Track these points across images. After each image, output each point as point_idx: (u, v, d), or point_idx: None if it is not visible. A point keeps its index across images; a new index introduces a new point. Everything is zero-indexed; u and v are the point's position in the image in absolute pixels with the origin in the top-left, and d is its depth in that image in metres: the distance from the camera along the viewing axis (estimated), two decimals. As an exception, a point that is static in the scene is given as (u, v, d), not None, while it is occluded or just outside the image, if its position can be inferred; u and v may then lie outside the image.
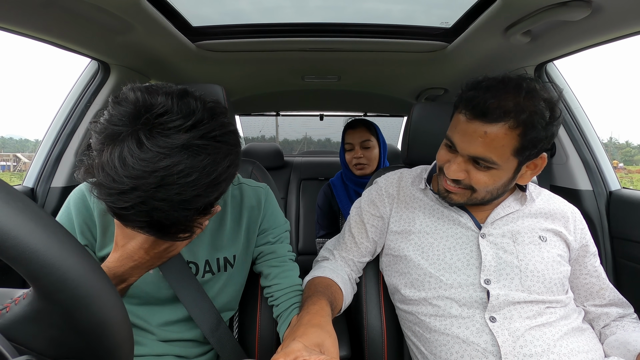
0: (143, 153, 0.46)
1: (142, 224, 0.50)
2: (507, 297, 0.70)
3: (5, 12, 0.80)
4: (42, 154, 1.22)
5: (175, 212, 0.49)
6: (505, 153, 0.66)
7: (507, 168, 0.69)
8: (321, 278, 0.80)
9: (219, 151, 0.51)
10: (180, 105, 0.49)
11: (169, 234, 0.54)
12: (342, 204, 1.59)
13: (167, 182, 0.47)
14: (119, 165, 0.46)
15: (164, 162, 0.47)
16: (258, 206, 0.81)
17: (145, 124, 0.47)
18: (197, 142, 0.49)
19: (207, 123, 0.50)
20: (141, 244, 0.58)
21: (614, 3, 0.78)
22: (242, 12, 1.11)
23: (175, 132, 0.48)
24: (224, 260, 0.77)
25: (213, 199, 0.53)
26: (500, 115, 0.63)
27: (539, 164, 0.73)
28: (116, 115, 0.48)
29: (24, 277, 0.29)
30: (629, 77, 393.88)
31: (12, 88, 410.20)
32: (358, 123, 1.57)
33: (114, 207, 0.48)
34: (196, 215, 0.53)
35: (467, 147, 0.68)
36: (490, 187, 0.71)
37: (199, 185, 0.49)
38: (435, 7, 1.07)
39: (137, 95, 0.49)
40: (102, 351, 0.34)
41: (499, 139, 0.65)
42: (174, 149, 0.47)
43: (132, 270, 0.60)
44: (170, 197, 0.48)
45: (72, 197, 0.71)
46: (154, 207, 0.48)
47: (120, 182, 0.46)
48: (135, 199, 0.47)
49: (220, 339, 0.76)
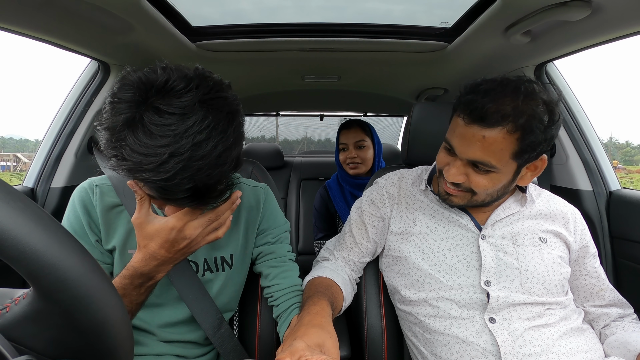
0: (166, 119, 0.48)
1: (187, 193, 0.51)
2: (507, 299, 0.70)
3: (5, 12, 0.80)
4: (42, 154, 1.22)
5: (215, 169, 0.51)
6: (504, 157, 0.66)
7: (506, 171, 0.69)
8: (322, 278, 0.80)
9: (229, 102, 0.53)
10: (176, 73, 0.51)
11: (211, 199, 0.56)
12: (339, 205, 1.59)
13: (200, 138, 0.49)
14: (148, 139, 0.47)
15: (190, 121, 0.48)
16: (257, 206, 0.81)
17: (157, 94, 0.49)
18: (208, 97, 0.51)
19: (205, 82, 0.52)
20: (162, 243, 0.59)
21: (614, 3, 0.78)
22: (243, 12, 1.11)
23: (185, 93, 0.49)
24: (221, 259, 0.77)
25: (239, 150, 0.56)
26: (498, 120, 0.63)
27: (539, 165, 0.73)
28: (121, 105, 0.49)
29: (24, 277, 0.29)
30: (629, 77, 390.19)
31: (12, 88, 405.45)
32: (352, 123, 1.57)
33: (158, 182, 0.49)
34: (230, 171, 0.55)
35: (465, 151, 0.68)
36: (490, 189, 0.71)
37: (227, 134, 0.51)
38: (437, 7, 1.06)
39: (133, 79, 0.50)
40: (102, 351, 0.34)
41: (498, 143, 0.64)
42: (192, 106, 0.49)
43: (158, 267, 0.61)
44: (207, 152, 0.49)
45: (76, 195, 0.71)
46: (195, 168, 0.49)
47: (155, 154, 0.47)
48: (175, 166, 0.48)
49: (221, 339, 0.76)
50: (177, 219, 0.58)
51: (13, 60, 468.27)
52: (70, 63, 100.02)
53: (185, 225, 0.59)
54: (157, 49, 1.14)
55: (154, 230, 0.59)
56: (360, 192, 1.55)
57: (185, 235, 0.59)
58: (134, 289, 0.61)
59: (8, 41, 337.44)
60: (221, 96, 0.53)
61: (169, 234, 0.58)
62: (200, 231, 0.60)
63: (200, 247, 0.63)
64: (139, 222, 0.59)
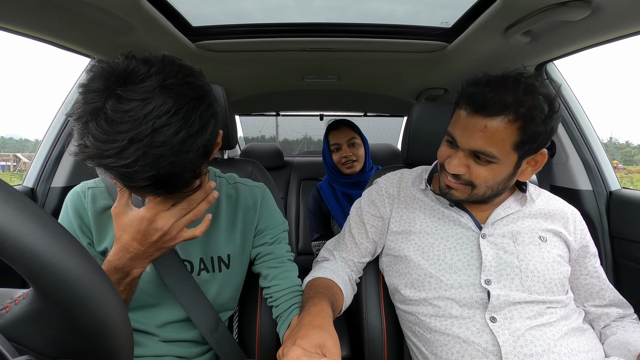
0: (126, 105, 0.47)
1: (149, 180, 0.50)
2: (507, 298, 0.70)
3: (5, 12, 0.80)
4: (42, 154, 1.22)
5: (179, 156, 0.49)
6: (505, 147, 0.67)
7: (507, 162, 0.69)
8: (322, 279, 0.80)
9: (194, 87, 0.52)
10: (138, 60, 0.50)
11: (178, 187, 0.54)
12: (331, 205, 1.60)
13: (160, 124, 0.47)
14: (107, 126, 0.47)
15: (149, 106, 0.47)
16: (254, 206, 0.80)
17: (117, 81, 0.48)
18: (170, 82, 0.49)
19: (169, 67, 0.51)
20: (133, 235, 0.57)
21: (614, 3, 0.78)
22: (246, 11, 1.10)
23: (147, 78, 0.48)
24: (218, 259, 0.76)
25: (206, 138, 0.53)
26: (499, 109, 0.65)
27: (540, 160, 0.73)
28: (88, 96, 0.49)
29: (24, 277, 0.29)
30: (629, 77, 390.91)
31: (12, 88, 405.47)
32: (340, 123, 1.58)
33: (119, 168, 0.48)
34: (197, 160, 0.53)
35: (467, 141, 0.69)
36: (490, 182, 0.71)
37: (192, 120, 0.50)
38: (439, 8, 1.06)
39: (100, 70, 0.50)
40: (102, 351, 0.34)
41: (499, 132, 0.66)
42: (153, 91, 0.48)
43: (131, 262, 0.59)
44: (168, 139, 0.48)
45: (69, 198, 0.71)
46: (157, 155, 0.48)
47: (114, 140, 0.47)
48: (136, 152, 0.47)
49: (219, 340, 0.75)
50: (148, 209, 0.57)
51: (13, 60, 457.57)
52: (70, 63, 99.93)
53: (156, 216, 0.57)
54: (157, 49, 1.14)
55: (127, 221, 0.58)
56: (352, 190, 1.57)
57: (156, 227, 0.57)
58: None
59: (8, 41, 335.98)
60: (187, 82, 0.51)
61: (140, 225, 0.57)
62: (174, 223, 0.58)
63: (178, 243, 0.61)
64: (116, 212, 0.58)
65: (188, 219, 0.59)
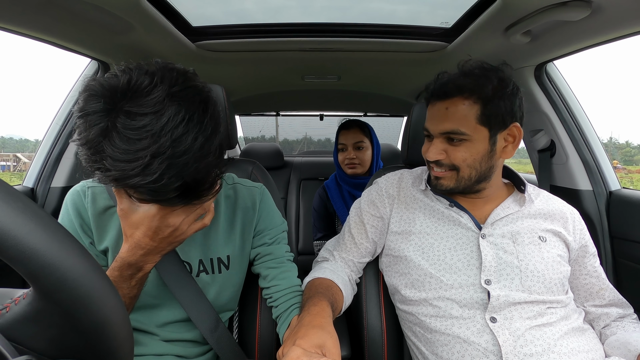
0: (139, 121, 0.46)
1: (178, 191, 0.50)
2: (507, 298, 0.70)
3: (5, 12, 0.80)
4: (42, 154, 1.22)
5: (200, 161, 0.50)
6: (470, 122, 0.73)
7: (479, 138, 0.73)
8: (321, 279, 0.80)
9: (199, 91, 0.52)
10: (137, 72, 0.49)
11: (204, 192, 0.55)
12: (337, 205, 1.59)
13: (178, 133, 0.47)
14: (125, 145, 0.46)
15: (164, 118, 0.47)
16: (253, 207, 0.80)
17: (124, 97, 0.47)
18: (176, 89, 0.49)
19: (169, 74, 0.51)
20: (145, 231, 0.58)
21: (614, 3, 0.78)
22: (247, 11, 1.10)
23: (152, 89, 0.48)
24: (217, 260, 0.76)
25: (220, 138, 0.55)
26: (455, 90, 0.74)
27: (516, 134, 0.76)
28: (91, 117, 0.47)
29: (24, 277, 0.29)
30: (629, 77, 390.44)
31: (12, 88, 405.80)
32: (352, 124, 1.57)
33: (146, 185, 0.47)
34: (216, 160, 0.53)
35: (437, 127, 0.76)
36: (469, 160, 0.75)
37: (205, 124, 0.50)
38: (440, 8, 1.06)
39: (97, 88, 0.48)
40: (102, 351, 0.34)
41: (460, 110, 0.73)
42: (162, 102, 0.47)
43: (144, 257, 0.60)
44: (189, 146, 0.48)
45: (69, 197, 0.71)
46: (181, 164, 0.48)
47: (136, 158, 0.46)
48: (160, 166, 0.47)
49: (219, 340, 0.75)
50: (160, 207, 0.57)
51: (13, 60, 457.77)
52: (71, 63, 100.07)
53: (168, 213, 0.58)
54: (157, 48, 1.14)
55: (138, 219, 0.58)
56: (359, 191, 1.56)
57: (168, 223, 0.58)
58: (124, 281, 0.61)
59: (8, 41, 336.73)
60: (190, 86, 0.51)
61: (152, 221, 0.57)
62: (185, 218, 0.59)
63: (189, 235, 0.62)
64: (123, 212, 0.59)
65: (197, 213, 0.61)
